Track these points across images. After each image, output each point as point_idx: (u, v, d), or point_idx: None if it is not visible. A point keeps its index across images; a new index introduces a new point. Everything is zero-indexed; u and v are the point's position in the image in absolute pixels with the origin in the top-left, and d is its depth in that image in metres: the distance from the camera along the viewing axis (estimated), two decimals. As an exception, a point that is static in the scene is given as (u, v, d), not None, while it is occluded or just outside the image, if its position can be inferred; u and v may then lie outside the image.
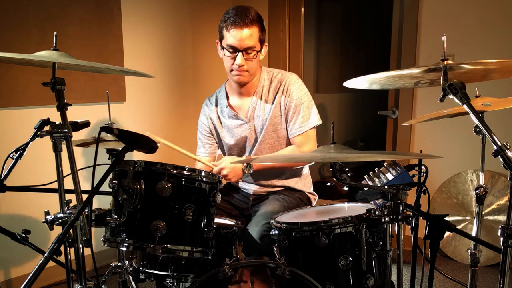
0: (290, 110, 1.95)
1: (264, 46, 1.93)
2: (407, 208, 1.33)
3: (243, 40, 1.83)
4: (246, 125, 2.02)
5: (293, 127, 1.96)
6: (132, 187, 1.29)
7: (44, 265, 1.14)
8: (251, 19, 1.82)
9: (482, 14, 2.84)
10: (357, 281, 1.41)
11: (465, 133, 2.73)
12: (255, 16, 1.85)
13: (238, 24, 1.81)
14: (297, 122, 1.95)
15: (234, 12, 1.84)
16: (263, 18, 1.91)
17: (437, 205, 3.05)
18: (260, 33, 1.87)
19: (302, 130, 1.95)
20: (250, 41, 1.84)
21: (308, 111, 1.96)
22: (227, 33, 1.85)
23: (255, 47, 1.86)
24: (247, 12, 1.84)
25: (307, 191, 2.12)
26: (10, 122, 2.52)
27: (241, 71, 1.89)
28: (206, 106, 2.14)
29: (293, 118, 1.96)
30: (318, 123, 1.98)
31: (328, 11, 4.95)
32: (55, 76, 1.29)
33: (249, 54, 1.86)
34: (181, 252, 1.34)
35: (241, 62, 1.86)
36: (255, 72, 1.95)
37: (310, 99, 1.98)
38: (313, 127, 1.97)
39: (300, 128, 1.95)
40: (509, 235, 1.21)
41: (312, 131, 1.99)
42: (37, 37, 2.55)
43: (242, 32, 1.82)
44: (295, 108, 1.94)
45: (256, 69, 1.95)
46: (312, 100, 1.99)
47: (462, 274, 2.78)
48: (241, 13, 1.82)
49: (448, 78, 1.24)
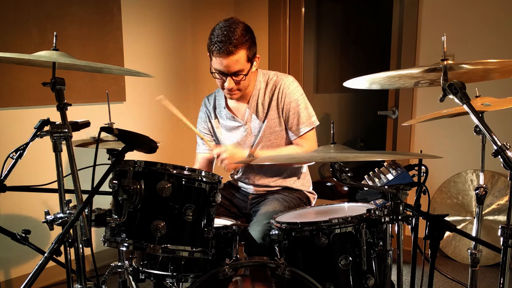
0: (289, 113, 1.95)
1: (255, 60, 1.90)
2: (407, 208, 1.33)
3: (229, 66, 1.80)
4: (242, 127, 2.02)
5: (293, 130, 1.97)
6: (132, 187, 1.29)
7: (44, 265, 1.14)
8: (235, 44, 1.76)
9: (482, 14, 2.84)
10: (357, 281, 1.41)
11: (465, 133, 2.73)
12: (240, 37, 1.78)
13: (222, 52, 1.77)
14: (295, 125, 1.96)
15: (218, 37, 1.77)
16: (252, 30, 1.85)
17: (437, 205, 3.05)
18: (248, 52, 1.82)
19: (303, 132, 1.96)
20: (237, 65, 1.81)
21: (306, 113, 1.96)
22: (213, 58, 1.83)
23: (243, 70, 1.84)
24: (231, 35, 1.76)
25: (306, 190, 2.12)
26: (10, 122, 2.52)
27: (232, 91, 1.90)
28: (205, 105, 2.15)
29: (292, 121, 1.96)
30: (316, 124, 1.99)
31: (328, 11, 4.95)
32: (55, 76, 1.29)
33: (238, 76, 1.85)
34: (181, 252, 1.34)
35: (230, 85, 1.86)
36: (247, 87, 1.94)
37: (306, 101, 1.98)
38: (312, 128, 1.98)
39: (301, 129, 1.96)
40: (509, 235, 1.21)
41: (312, 132, 2.00)
42: (37, 37, 2.55)
43: (228, 59, 1.78)
44: (293, 111, 1.95)
45: (248, 84, 1.94)
46: (308, 101, 2.00)
47: (462, 274, 2.78)
48: (226, 39, 1.76)
49: (448, 78, 1.24)
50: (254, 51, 1.88)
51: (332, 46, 5.11)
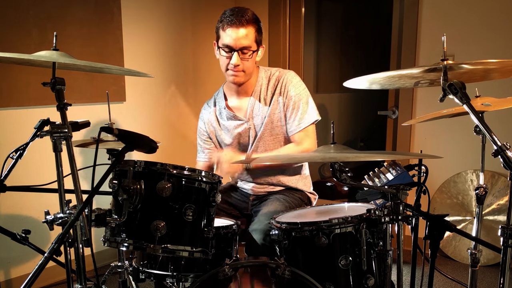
0: (289, 107, 1.95)
1: (261, 48, 1.93)
2: (407, 208, 1.33)
3: (238, 39, 1.83)
4: (245, 124, 2.02)
5: (293, 124, 1.96)
6: (132, 187, 1.29)
7: (44, 265, 1.13)
8: (247, 19, 1.84)
9: (482, 14, 2.84)
10: (357, 281, 1.41)
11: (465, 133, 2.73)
12: (251, 17, 1.86)
13: (234, 23, 1.82)
14: (296, 119, 1.95)
15: (230, 12, 1.85)
16: (260, 20, 1.92)
17: (437, 205, 3.05)
18: (256, 33, 1.88)
19: (302, 127, 1.95)
20: (246, 40, 1.84)
21: (306, 107, 1.95)
22: (223, 32, 1.86)
23: (251, 47, 1.87)
24: (243, 12, 1.85)
25: (307, 190, 2.12)
26: (10, 122, 2.52)
27: (237, 71, 1.90)
28: (204, 110, 2.14)
29: (292, 115, 1.95)
30: (317, 119, 1.97)
31: (328, 11, 4.95)
32: (55, 76, 1.29)
33: (244, 54, 1.86)
34: (181, 252, 1.33)
35: (237, 61, 1.86)
36: (251, 72, 1.95)
37: (308, 95, 1.98)
38: (312, 123, 1.97)
39: (300, 125, 1.95)
40: (509, 235, 1.21)
41: (312, 127, 1.98)
42: (37, 37, 2.55)
43: (238, 31, 1.82)
44: (294, 105, 1.94)
45: (252, 70, 1.95)
46: (310, 96, 1.99)
47: (462, 274, 2.78)
48: (238, 13, 1.84)
49: (448, 78, 1.24)
50: (261, 38, 1.93)
51: (332, 46, 5.11)
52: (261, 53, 1.95)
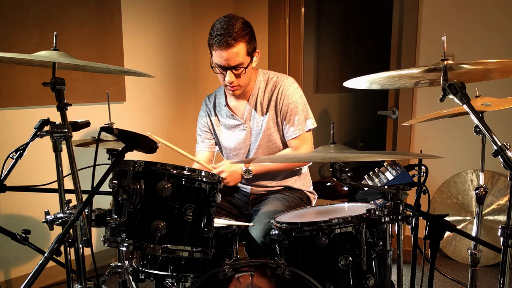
0: (286, 114, 1.96)
1: (255, 55, 1.92)
2: (407, 208, 1.33)
3: (229, 59, 1.83)
4: (242, 126, 2.03)
5: (289, 130, 1.97)
6: (132, 187, 1.29)
7: (44, 265, 1.13)
8: (235, 37, 1.79)
9: (482, 14, 2.84)
10: (357, 281, 1.41)
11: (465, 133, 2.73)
12: (240, 31, 1.81)
13: (222, 44, 1.80)
14: (293, 125, 1.96)
15: (218, 32, 1.81)
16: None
17: (437, 205, 3.05)
18: (247, 46, 1.85)
19: (298, 133, 1.96)
20: (237, 58, 1.83)
21: (303, 114, 1.96)
22: (214, 52, 1.86)
23: (243, 63, 1.86)
24: (231, 29, 1.79)
25: (307, 190, 2.12)
26: (10, 122, 2.52)
27: (233, 86, 1.91)
28: (205, 104, 2.16)
29: (289, 122, 1.96)
30: (314, 126, 1.99)
31: (328, 11, 4.95)
32: (55, 76, 1.29)
33: (238, 70, 1.87)
34: (181, 252, 1.34)
35: (230, 79, 1.87)
36: (248, 83, 1.96)
37: (305, 103, 1.98)
38: (309, 130, 1.98)
39: (296, 131, 1.96)
40: (509, 235, 1.21)
41: (308, 134, 2.00)
42: (37, 37, 2.55)
43: (227, 52, 1.81)
44: (291, 112, 1.95)
45: (248, 80, 1.95)
46: (307, 103, 2.00)
47: (462, 274, 2.78)
48: (226, 32, 1.79)
49: (448, 78, 1.24)
50: (254, 46, 1.90)
51: (332, 46, 5.11)
52: (257, 59, 1.95)
